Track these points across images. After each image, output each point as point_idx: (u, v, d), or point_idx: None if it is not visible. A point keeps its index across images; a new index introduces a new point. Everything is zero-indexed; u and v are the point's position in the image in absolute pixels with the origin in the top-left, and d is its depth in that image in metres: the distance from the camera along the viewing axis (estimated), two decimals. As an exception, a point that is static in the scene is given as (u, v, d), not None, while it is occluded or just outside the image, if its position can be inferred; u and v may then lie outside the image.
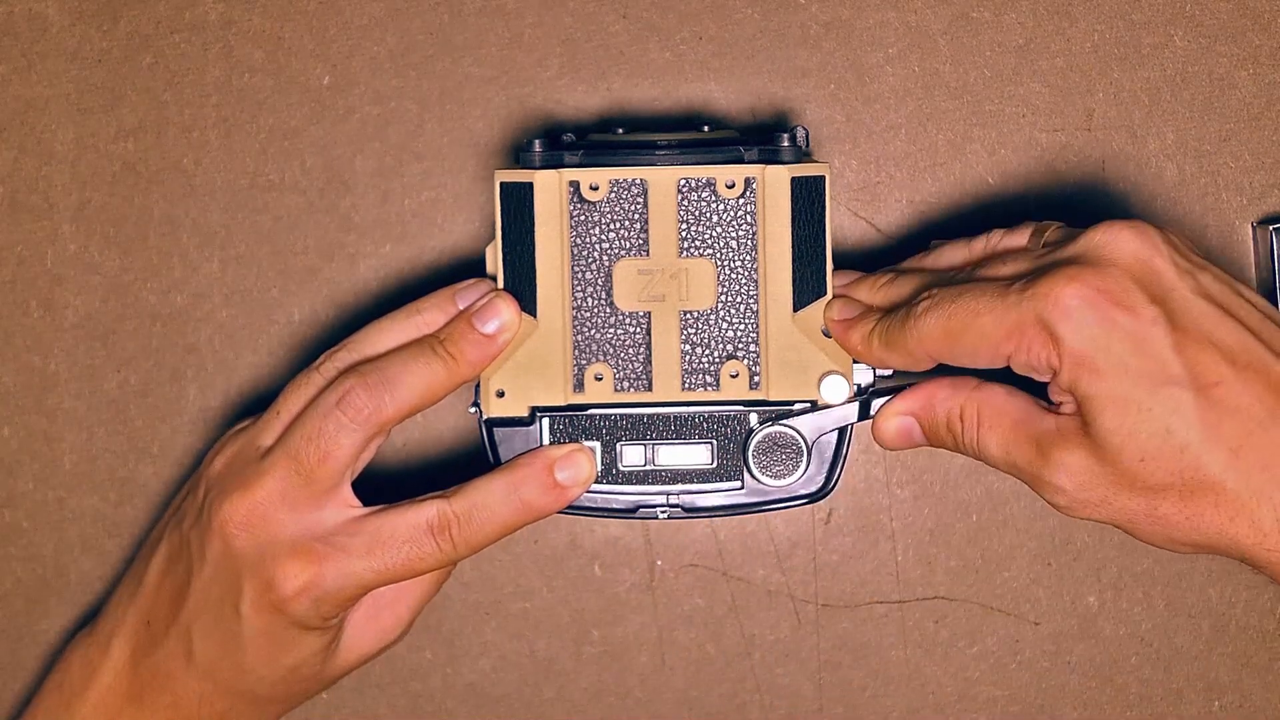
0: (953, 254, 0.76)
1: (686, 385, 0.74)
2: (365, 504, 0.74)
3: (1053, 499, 0.69)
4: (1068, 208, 0.85)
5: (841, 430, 0.74)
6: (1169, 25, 0.86)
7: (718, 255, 0.73)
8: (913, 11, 0.86)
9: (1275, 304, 0.83)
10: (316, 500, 0.73)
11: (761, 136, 0.77)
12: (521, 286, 0.74)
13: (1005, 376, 0.70)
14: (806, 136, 0.75)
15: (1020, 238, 0.74)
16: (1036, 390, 0.70)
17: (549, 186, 0.73)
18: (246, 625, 0.73)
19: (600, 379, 0.74)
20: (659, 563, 0.87)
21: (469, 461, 0.85)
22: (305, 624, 0.73)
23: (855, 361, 0.74)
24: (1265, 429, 0.65)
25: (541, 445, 0.74)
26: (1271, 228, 0.83)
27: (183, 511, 0.77)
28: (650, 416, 0.74)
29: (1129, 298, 0.66)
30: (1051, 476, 0.68)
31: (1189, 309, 0.66)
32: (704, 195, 0.73)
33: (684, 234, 0.73)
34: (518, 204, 0.73)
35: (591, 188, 0.73)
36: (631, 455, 0.74)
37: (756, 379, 0.74)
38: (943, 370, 0.72)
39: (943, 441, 0.72)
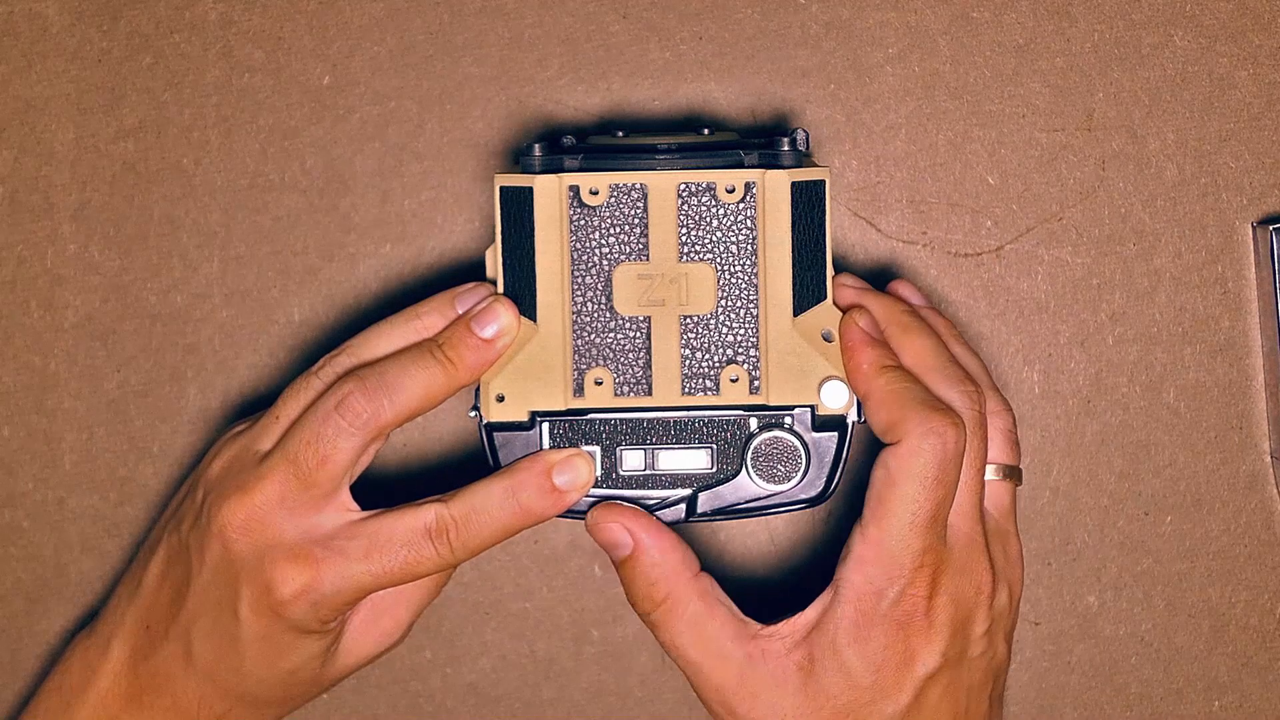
0: (974, 367, 0.78)
1: (686, 390, 0.74)
2: (364, 507, 0.74)
3: (711, 707, 0.74)
4: (1068, 208, 0.85)
5: (841, 434, 0.74)
6: (1169, 25, 0.86)
7: (718, 260, 0.73)
8: (913, 11, 0.86)
9: (1276, 304, 0.83)
10: (315, 504, 0.73)
11: (762, 139, 0.77)
12: (521, 291, 0.74)
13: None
14: (807, 139, 0.74)
15: (1003, 453, 0.77)
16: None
17: (549, 191, 0.73)
18: (245, 628, 0.73)
19: (600, 383, 0.74)
20: (659, 563, 0.87)
21: (468, 465, 0.85)
22: (303, 627, 0.73)
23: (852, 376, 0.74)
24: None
25: (541, 450, 0.74)
26: (1271, 228, 0.83)
27: (181, 514, 0.77)
28: (650, 421, 0.74)
29: (935, 634, 0.73)
30: (747, 708, 0.73)
31: (959, 671, 0.74)
32: (704, 200, 0.73)
33: (684, 238, 0.73)
34: (517, 208, 0.73)
35: (591, 192, 0.73)
36: (631, 460, 0.74)
37: (756, 383, 0.74)
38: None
39: (631, 588, 0.74)
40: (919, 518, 0.71)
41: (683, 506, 0.74)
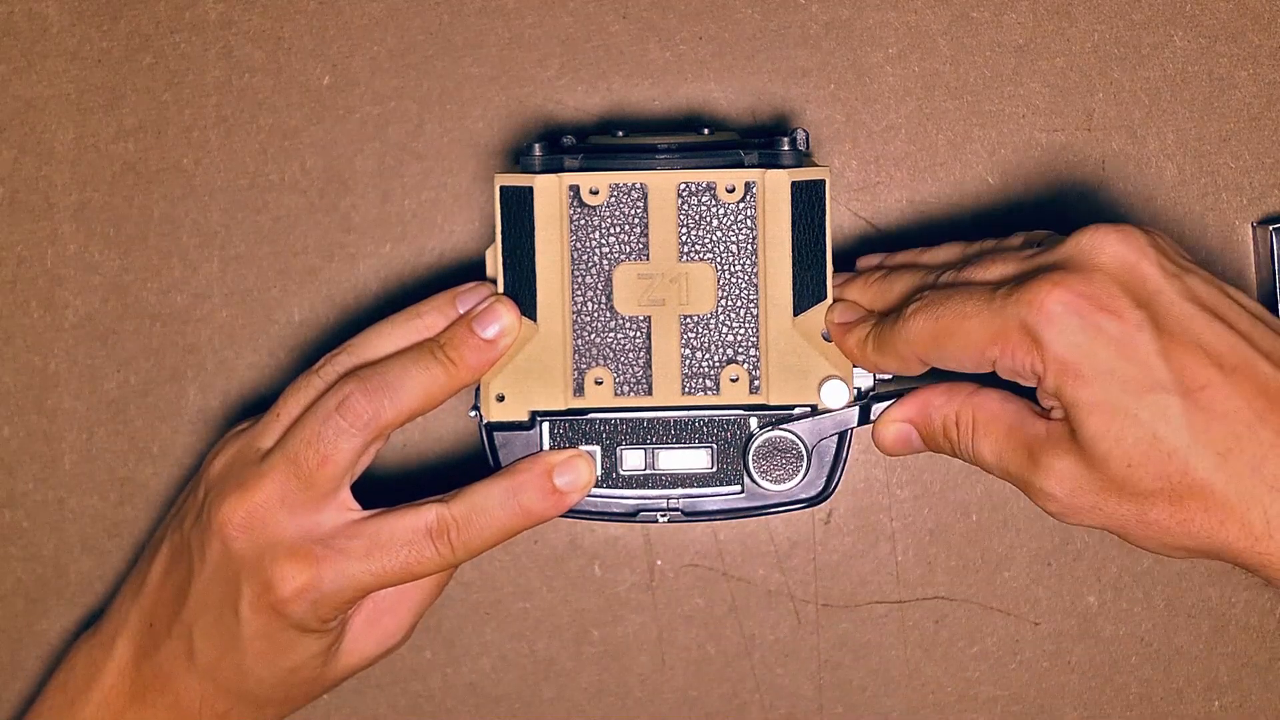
0: (944, 252, 0.76)
1: (687, 389, 0.74)
2: (365, 507, 0.74)
3: (1045, 505, 0.69)
4: (1068, 207, 0.85)
5: (841, 434, 0.74)
6: (1169, 25, 0.86)
7: (718, 259, 0.73)
8: (913, 11, 0.86)
9: (1276, 304, 0.83)
10: (315, 503, 0.73)
11: (762, 139, 0.77)
12: (521, 291, 0.74)
13: (999, 380, 0.70)
14: (807, 139, 0.74)
15: (1013, 242, 0.74)
16: (1032, 394, 0.70)
17: (549, 191, 0.73)
18: (246, 626, 0.73)
19: (600, 383, 0.74)
20: (659, 563, 0.87)
21: (469, 465, 0.85)
22: (304, 626, 0.73)
23: (855, 365, 0.74)
24: (1253, 431, 0.65)
25: (541, 450, 0.74)
26: (1271, 228, 0.83)
27: (183, 513, 0.77)
28: (650, 421, 0.74)
29: (1114, 302, 0.66)
30: (1043, 483, 0.68)
31: (1175, 312, 0.66)
32: (704, 199, 0.73)
33: (684, 238, 0.73)
34: (518, 208, 0.73)
35: (591, 192, 0.73)
36: (632, 459, 0.74)
37: (756, 383, 0.74)
38: (939, 375, 0.72)
39: (940, 447, 0.73)
40: (980, 310, 0.68)
41: (683, 506, 0.74)
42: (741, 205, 0.73)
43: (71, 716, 0.78)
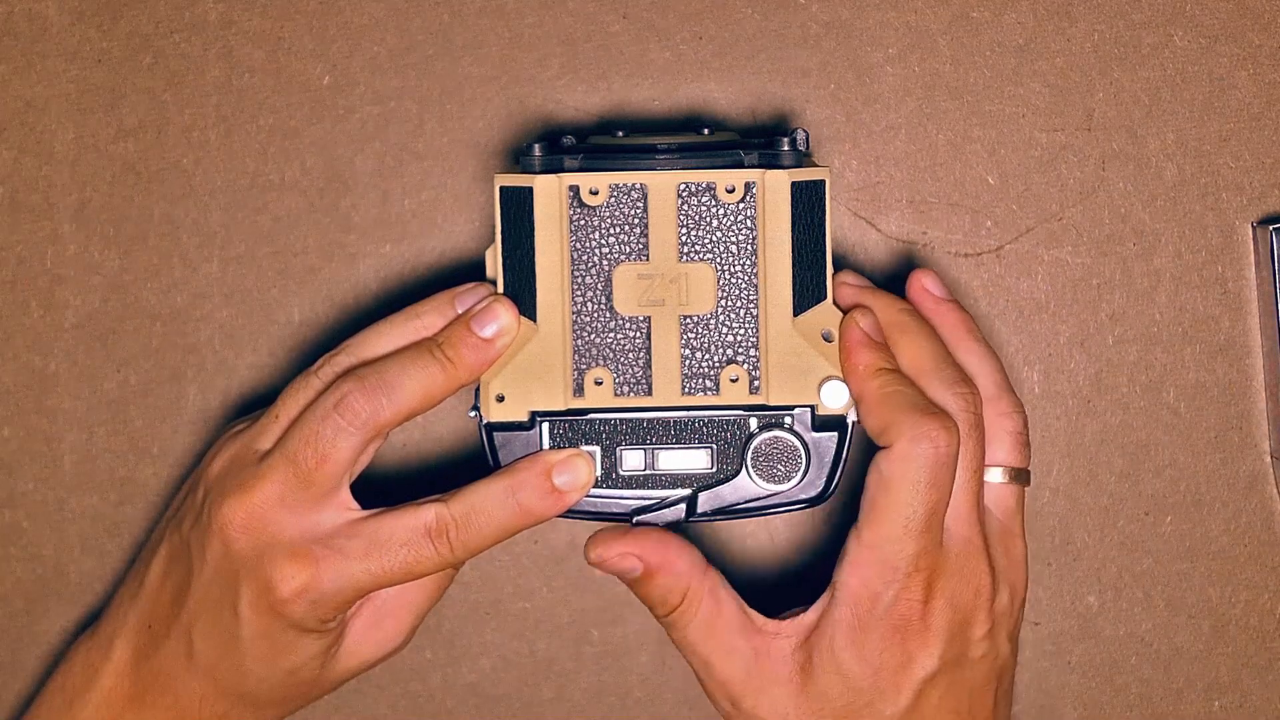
0: (978, 373, 0.77)
1: (686, 390, 0.74)
2: (364, 507, 0.74)
3: (719, 706, 0.75)
4: (1068, 207, 0.85)
5: (841, 434, 0.74)
6: (1169, 25, 0.86)
7: (718, 260, 0.73)
8: (913, 11, 0.86)
9: (1276, 304, 0.83)
10: (314, 503, 0.73)
11: (762, 139, 0.77)
12: (521, 291, 0.74)
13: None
14: (807, 139, 0.74)
15: (1011, 455, 0.76)
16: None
17: (548, 191, 0.73)
18: (245, 627, 0.73)
19: (600, 383, 0.74)
20: (659, 563, 0.87)
21: (468, 465, 0.85)
22: (303, 626, 0.73)
23: (844, 374, 0.74)
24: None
25: (541, 450, 0.74)
26: (1271, 228, 0.83)
27: (182, 513, 0.77)
28: (650, 421, 0.74)
29: (932, 638, 0.72)
30: (752, 702, 0.74)
31: (958, 674, 0.74)
32: (704, 200, 0.73)
33: (684, 238, 0.73)
34: (517, 208, 0.73)
35: (591, 192, 0.73)
36: (631, 460, 0.74)
37: (756, 383, 0.74)
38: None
39: (648, 601, 0.75)
40: (913, 522, 0.71)
41: (683, 506, 0.74)
42: (741, 205, 0.73)
43: (70, 718, 0.78)
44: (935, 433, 0.71)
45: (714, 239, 0.73)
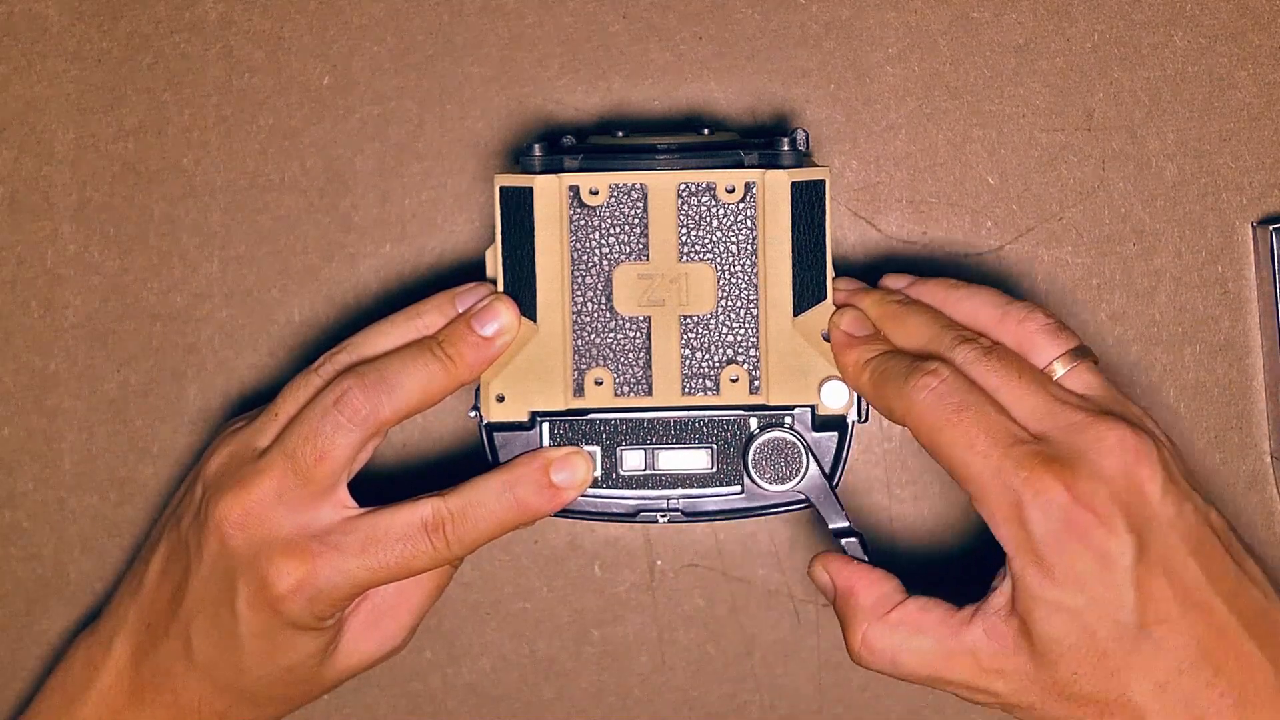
0: (978, 312, 0.75)
1: (686, 390, 0.74)
2: (363, 505, 0.74)
3: (978, 699, 0.71)
4: (1068, 207, 0.85)
5: (841, 435, 0.74)
6: (1169, 25, 0.86)
7: (718, 260, 0.73)
8: (913, 11, 0.86)
9: (1276, 304, 0.83)
10: (312, 500, 0.73)
11: (762, 139, 0.77)
12: (521, 291, 0.74)
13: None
14: (806, 139, 0.74)
15: (1052, 348, 0.73)
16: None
17: (549, 191, 0.73)
18: (243, 624, 0.73)
19: (600, 383, 0.74)
20: (659, 563, 0.87)
21: (468, 464, 0.85)
22: (300, 623, 0.73)
23: (841, 378, 0.74)
24: (1194, 669, 0.67)
25: (540, 448, 0.74)
26: (1271, 228, 0.83)
27: (180, 511, 0.77)
28: (650, 421, 0.74)
29: (1110, 520, 0.67)
30: (989, 684, 0.70)
31: (1159, 542, 0.68)
32: (704, 200, 0.73)
33: (684, 238, 0.73)
34: (517, 208, 0.73)
35: (591, 192, 0.73)
36: (632, 460, 0.74)
37: (756, 384, 0.74)
38: None
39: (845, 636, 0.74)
40: (982, 447, 0.68)
41: (683, 507, 0.74)
42: (741, 205, 0.73)
43: (70, 716, 0.78)
44: (920, 379, 0.70)
45: (714, 239, 0.73)
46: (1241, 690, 0.67)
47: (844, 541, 0.74)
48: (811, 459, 0.74)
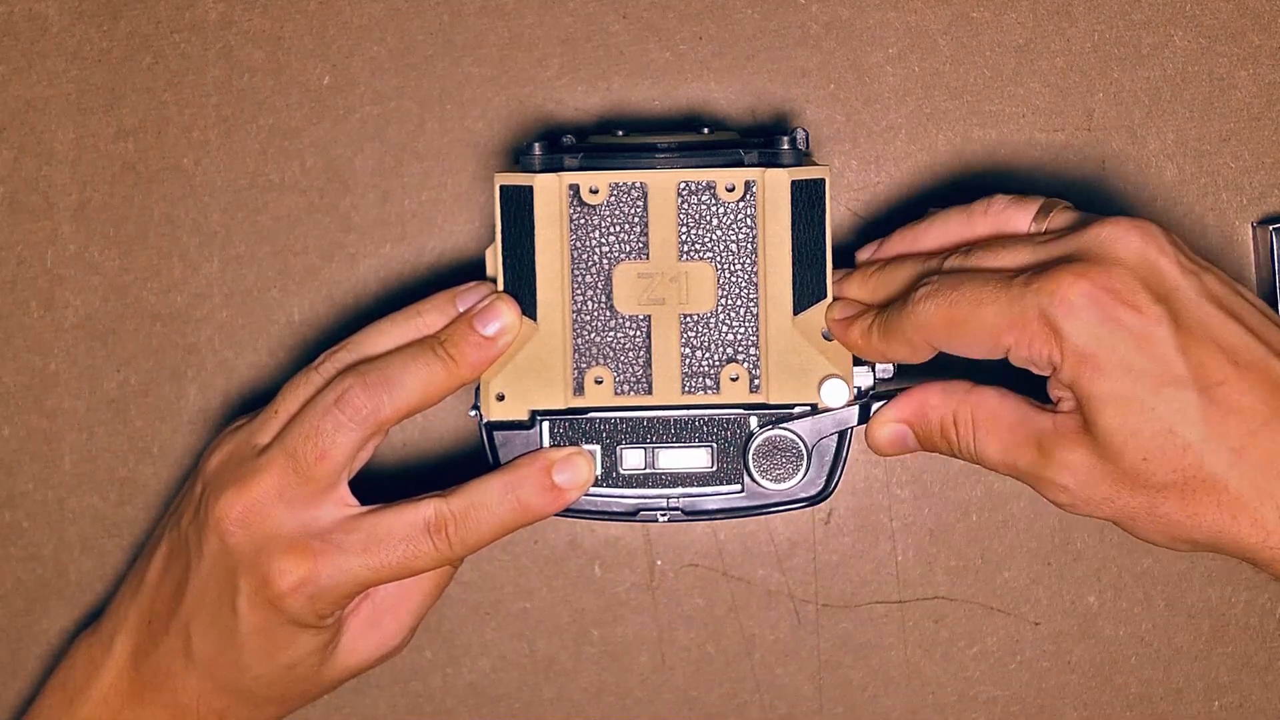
0: (948, 229, 0.75)
1: (687, 388, 0.74)
2: (364, 504, 0.74)
3: (1055, 497, 0.69)
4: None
5: (842, 433, 0.74)
6: (1169, 25, 0.86)
7: (718, 258, 0.73)
8: (913, 11, 0.86)
9: (1276, 305, 0.83)
10: (313, 498, 0.73)
11: (761, 138, 0.77)
12: (521, 290, 0.74)
13: (998, 370, 0.70)
14: (806, 138, 0.74)
15: (1023, 214, 0.73)
16: (1028, 385, 0.70)
17: (549, 190, 0.73)
18: (243, 622, 0.73)
19: (600, 382, 0.74)
20: (659, 563, 0.87)
21: (469, 464, 0.85)
22: (301, 621, 0.73)
23: (856, 363, 0.74)
24: (1268, 428, 0.65)
25: (541, 448, 0.74)
26: (1271, 228, 0.83)
27: (181, 509, 0.77)
28: (650, 420, 0.74)
29: (1134, 297, 0.66)
30: (1055, 475, 0.68)
31: (1193, 309, 0.66)
32: (704, 198, 0.73)
33: (684, 237, 0.73)
34: (518, 207, 0.73)
35: (591, 191, 0.73)
36: (632, 458, 0.74)
37: (757, 382, 0.74)
38: (935, 368, 0.72)
39: (937, 447, 0.73)
40: (997, 295, 0.67)
41: (683, 506, 0.74)
42: (741, 204, 0.73)
43: (71, 715, 0.78)
44: (917, 293, 0.69)
45: (714, 238, 0.73)
46: None
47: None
48: (810, 458, 0.74)
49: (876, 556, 0.87)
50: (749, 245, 0.73)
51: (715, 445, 0.74)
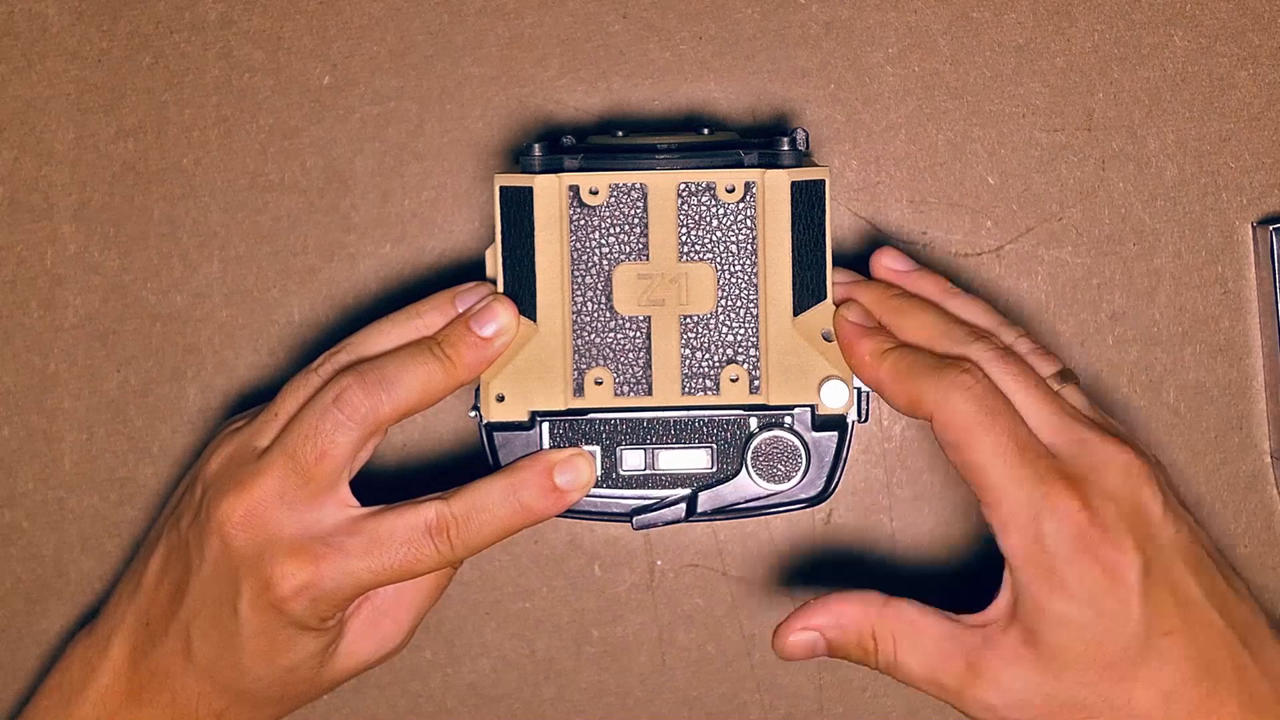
0: (974, 318, 0.76)
1: (686, 389, 0.74)
2: (364, 505, 0.74)
3: (976, 714, 0.71)
4: (1068, 207, 0.85)
5: (841, 434, 0.74)
6: (1169, 25, 0.86)
7: (718, 259, 0.73)
8: (913, 11, 0.86)
9: (1276, 304, 0.83)
10: (314, 499, 0.73)
11: (761, 139, 0.77)
12: (521, 291, 0.74)
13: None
14: (806, 139, 0.74)
15: (1043, 366, 0.75)
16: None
17: (548, 191, 0.73)
18: (244, 624, 0.73)
19: (600, 383, 0.74)
20: (659, 563, 0.87)
21: (469, 465, 0.85)
22: (302, 624, 0.73)
23: (854, 371, 0.74)
24: (1197, 680, 0.69)
25: (541, 449, 0.74)
26: (1271, 228, 0.83)
27: (180, 511, 0.77)
28: (650, 421, 0.74)
29: (1117, 534, 0.69)
30: (983, 693, 0.70)
31: (1164, 559, 0.69)
32: (704, 199, 0.73)
33: (684, 238, 0.73)
34: (517, 208, 0.73)
35: (591, 192, 0.73)
36: (631, 459, 0.74)
37: (756, 383, 0.74)
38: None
39: (851, 657, 0.73)
40: (1009, 457, 0.69)
41: (683, 506, 0.74)
42: (741, 205, 0.73)
43: (68, 715, 0.78)
44: (958, 377, 0.70)
45: (714, 239, 0.73)
46: (1240, 700, 0.69)
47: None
48: (810, 458, 0.74)
49: (876, 556, 0.87)
50: (749, 246, 0.73)
51: (715, 446, 0.74)
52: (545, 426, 0.74)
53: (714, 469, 0.74)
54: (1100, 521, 0.68)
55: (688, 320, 0.73)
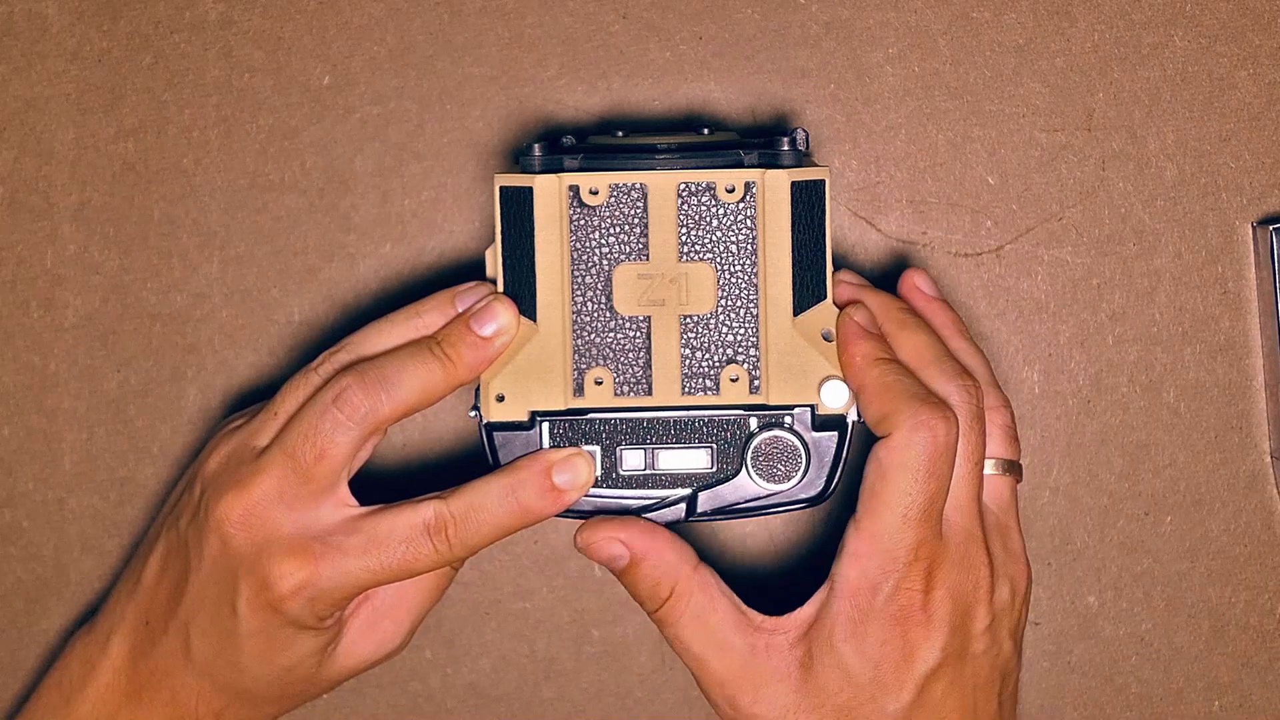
0: (977, 364, 0.77)
1: (686, 389, 0.74)
2: (364, 505, 0.74)
3: (722, 708, 0.74)
4: (1068, 207, 0.85)
5: (841, 434, 0.74)
6: (1169, 25, 0.86)
7: (718, 259, 0.73)
8: (913, 11, 0.86)
9: (1276, 304, 0.83)
10: (313, 499, 0.73)
11: (761, 139, 0.77)
12: (521, 291, 0.74)
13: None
14: (806, 139, 0.74)
15: (1002, 448, 0.77)
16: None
17: (548, 191, 0.73)
18: (243, 624, 0.73)
19: (600, 383, 0.74)
20: (659, 563, 0.87)
21: (469, 465, 0.85)
22: (301, 623, 0.73)
23: (842, 367, 0.74)
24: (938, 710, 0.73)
25: (541, 449, 0.74)
26: (1271, 228, 0.83)
27: (179, 510, 0.77)
28: (650, 420, 0.74)
29: (934, 627, 0.72)
30: (738, 694, 0.73)
31: (961, 667, 0.73)
32: (704, 199, 0.73)
33: (684, 238, 0.73)
34: (517, 208, 0.73)
35: (591, 192, 0.73)
36: (631, 459, 0.74)
37: (756, 383, 0.74)
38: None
39: (636, 592, 0.74)
40: (911, 511, 0.70)
41: (683, 506, 0.74)
42: (741, 205, 0.73)
43: (67, 715, 0.78)
44: (934, 421, 0.71)
45: (714, 239, 0.73)
46: None
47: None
48: (810, 458, 0.74)
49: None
50: (749, 246, 0.73)
51: (715, 446, 0.74)
52: (545, 426, 0.74)
53: (714, 469, 0.74)
54: (929, 608, 0.71)
55: (688, 320, 0.73)
